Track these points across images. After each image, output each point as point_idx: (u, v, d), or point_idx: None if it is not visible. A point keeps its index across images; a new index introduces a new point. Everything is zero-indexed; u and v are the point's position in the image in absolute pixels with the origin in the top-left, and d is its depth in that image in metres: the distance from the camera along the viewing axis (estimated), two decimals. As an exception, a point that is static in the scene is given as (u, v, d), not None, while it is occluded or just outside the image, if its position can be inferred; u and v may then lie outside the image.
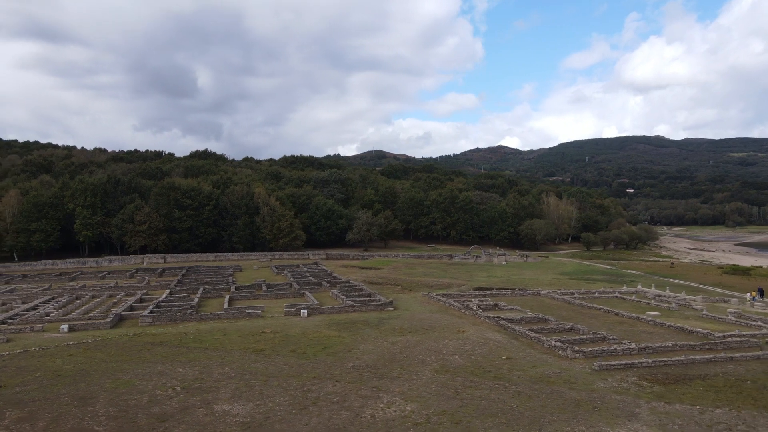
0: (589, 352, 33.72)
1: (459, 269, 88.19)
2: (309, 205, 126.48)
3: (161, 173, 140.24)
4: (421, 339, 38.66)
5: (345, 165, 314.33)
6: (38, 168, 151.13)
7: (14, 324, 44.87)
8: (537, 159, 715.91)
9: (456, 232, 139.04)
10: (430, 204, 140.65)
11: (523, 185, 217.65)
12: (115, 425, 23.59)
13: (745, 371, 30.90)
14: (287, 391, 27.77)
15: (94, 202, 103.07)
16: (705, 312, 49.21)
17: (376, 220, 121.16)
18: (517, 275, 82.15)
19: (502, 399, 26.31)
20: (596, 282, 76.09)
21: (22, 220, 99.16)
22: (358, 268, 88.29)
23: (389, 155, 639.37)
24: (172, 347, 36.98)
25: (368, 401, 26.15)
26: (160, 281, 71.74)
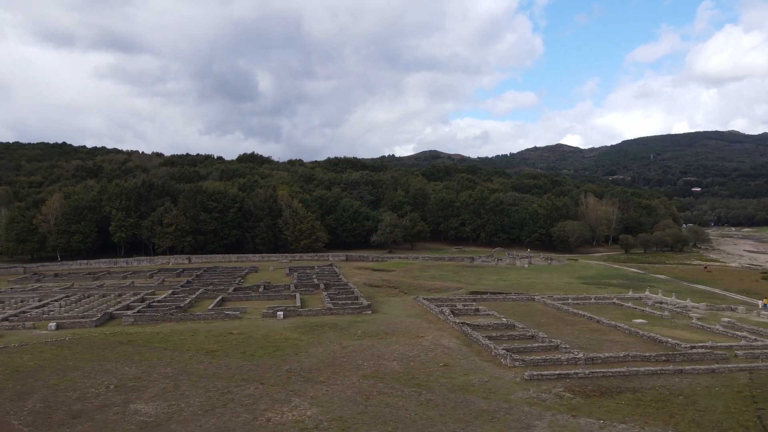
0: (530, 361, 32.97)
1: (472, 272, 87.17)
2: (336, 207, 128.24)
3: (198, 176, 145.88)
4: (374, 343, 38.89)
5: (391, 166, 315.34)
6: (87, 173, 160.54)
7: (13, 321, 48.16)
8: (597, 157, 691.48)
9: (486, 233, 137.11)
10: (460, 205, 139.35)
11: (566, 185, 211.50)
12: (31, 420, 25.29)
13: (687, 385, 29.40)
14: (208, 392, 28.77)
15: (128, 205, 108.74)
16: (695, 321, 46.79)
17: (401, 222, 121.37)
18: (528, 279, 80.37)
19: (407, 407, 26.29)
20: (611, 287, 73.37)
21: (64, 222, 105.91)
22: (371, 270, 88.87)
23: (443, 155, 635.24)
24: (136, 347, 38.85)
25: (276, 405, 26.77)
26: (174, 282, 74.95)
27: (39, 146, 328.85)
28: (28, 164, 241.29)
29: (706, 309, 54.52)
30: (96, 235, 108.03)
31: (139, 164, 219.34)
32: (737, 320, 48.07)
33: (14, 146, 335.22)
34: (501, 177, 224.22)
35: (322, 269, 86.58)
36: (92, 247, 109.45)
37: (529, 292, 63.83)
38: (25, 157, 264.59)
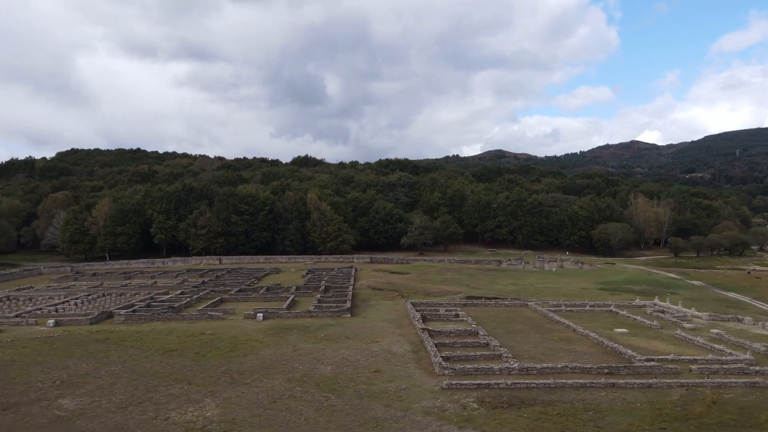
0: (460, 370, 32.65)
1: (489, 276, 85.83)
2: (369, 209, 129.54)
3: (240, 180, 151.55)
4: (326, 347, 39.62)
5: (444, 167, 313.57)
6: (142, 177, 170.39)
7: (24, 317, 52.48)
8: (676, 154, 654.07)
9: (522, 236, 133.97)
10: (497, 207, 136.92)
11: (622, 185, 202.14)
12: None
13: (608, 400, 28.23)
14: (136, 390, 30.58)
15: (168, 208, 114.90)
16: (680, 332, 44.26)
17: (432, 224, 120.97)
18: (543, 284, 78.33)
19: (304, 412, 26.91)
20: (629, 293, 70.22)
21: (111, 225, 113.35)
22: (388, 273, 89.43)
23: (509, 155, 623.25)
24: (108, 344, 41.54)
25: (186, 405, 28.13)
26: (192, 282, 78.66)
27: (114, 152, 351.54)
28: (100, 170, 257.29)
29: (707, 319, 51.38)
30: (139, 236, 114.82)
31: (197, 169, 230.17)
32: (733, 332, 45.10)
33: (94, 153, 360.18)
34: (553, 177, 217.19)
35: (339, 271, 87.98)
36: (136, 248, 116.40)
37: (529, 298, 62.29)
38: (99, 163, 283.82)
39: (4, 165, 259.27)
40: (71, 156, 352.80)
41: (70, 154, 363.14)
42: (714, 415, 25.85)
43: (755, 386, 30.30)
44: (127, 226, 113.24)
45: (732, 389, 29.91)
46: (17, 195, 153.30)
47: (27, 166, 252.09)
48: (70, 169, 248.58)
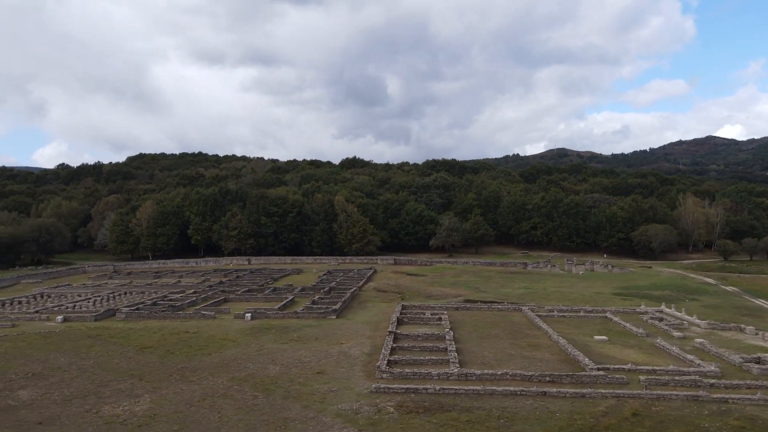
0: (398, 374, 33.03)
1: (504, 279, 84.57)
2: (400, 211, 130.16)
3: (279, 182, 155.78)
4: (291, 347, 40.87)
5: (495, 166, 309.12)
6: (188, 180, 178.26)
7: (38, 312, 56.82)
8: (757, 150, 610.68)
9: (558, 238, 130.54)
10: (532, 208, 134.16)
11: (679, 184, 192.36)
12: (-62, 396, 31.03)
13: (531, 408, 27.85)
14: (91, 384, 32.90)
15: (205, 210, 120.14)
16: (660, 341, 42.45)
17: (460, 226, 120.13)
18: (555, 288, 76.49)
19: (223, 409, 28.20)
20: (647, 299, 67.38)
21: (152, 226, 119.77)
22: (404, 274, 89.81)
23: (572, 153, 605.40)
24: (95, 340, 44.53)
25: (124, 399, 30.09)
26: (214, 281, 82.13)
27: (177, 156, 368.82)
28: (160, 173, 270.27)
29: (705, 327, 48.96)
30: (178, 237, 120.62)
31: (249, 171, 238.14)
32: (721, 342, 42.93)
33: (159, 157, 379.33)
34: (605, 177, 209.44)
35: (357, 272, 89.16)
36: (176, 248, 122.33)
37: (528, 302, 61.15)
38: (159, 167, 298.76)
39: (76, 169, 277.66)
40: (138, 160, 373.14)
41: (138, 158, 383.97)
42: (625, 428, 25.05)
43: (696, 399, 28.93)
44: (167, 228, 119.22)
45: (669, 402, 28.71)
46: (78, 198, 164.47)
47: (95, 170, 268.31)
48: (132, 173, 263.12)
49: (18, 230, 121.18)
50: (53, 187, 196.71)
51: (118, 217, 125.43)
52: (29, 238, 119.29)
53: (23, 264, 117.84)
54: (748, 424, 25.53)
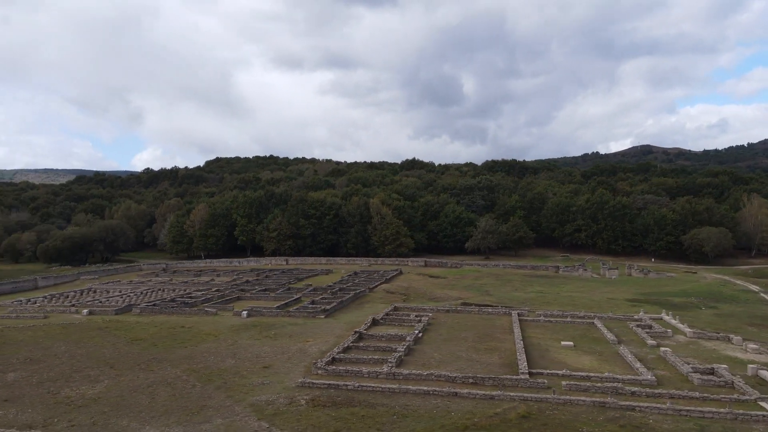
0: (332, 370, 35.29)
1: (523, 283, 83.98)
2: (440, 213, 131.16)
3: (327, 185, 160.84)
4: (260, 343, 44.12)
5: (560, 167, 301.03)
6: (245, 183, 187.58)
7: (74, 306, 63.68)
8: None
9: (603, 241, 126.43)
10: (576, 210, 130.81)
11: (755, 183, 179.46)
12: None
13: (432, 407, 29.32)
14: (69, 369, 37.61)
15: (251, 212, 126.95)
16: (623, 348, 41.81)
17: (497, 228, 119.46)
18: (571, 292, 75.35)
19: (160, 396, 31.74)
20: (662, 306, 65.39)
21: (204, 227, 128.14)
22: (427, 276, 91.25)
23: (657, 150, 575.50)
24: (101, 331, 49.91)
25: (85, 384, 34.39)
26: (243, 280, 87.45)
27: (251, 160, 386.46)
28: (229, 176, 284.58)
29: (691, 336, 47.48)
30: (226, 238, 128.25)
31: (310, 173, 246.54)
32: (689, 351, 41.95)
33: (233, 160, 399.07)
34: (674, 176, 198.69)
35: (380, 274, 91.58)
36: (225, 248, 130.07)
37: (522, 307, 61.09)
38: (229, 170, 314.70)
39: (155, 173, 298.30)
40: (214, 164, 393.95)
41: (214, 162, 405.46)
42: (500, 427, 26.06)
43: (602, 406, 29.15)
44: (216, 229, 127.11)
45: (573, 406, 29.15)
46: (147, 201, 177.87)
47: (172, 174, 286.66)
48: (204, 176, 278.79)
49: (89, 231, 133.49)
50: (127, 191, 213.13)
51: (175, 219, 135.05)
52: (98, 238, 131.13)
53: (92, 261, 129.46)
54: (617, 428, 25.76)
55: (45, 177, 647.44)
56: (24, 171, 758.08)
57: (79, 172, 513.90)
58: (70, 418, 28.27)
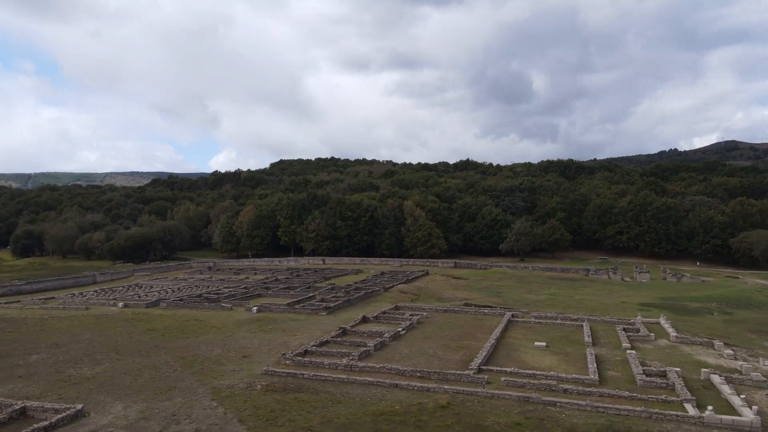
0: (299, 361, 38.95)
1: (543, 285, 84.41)
2: (477, 215, 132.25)
3: (371, 187, 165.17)
4: (252, 336, 48.52)
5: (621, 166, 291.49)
6: (294, 186, 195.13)
7: (116, 299, 70.93)
8: None
9: (645, 243, 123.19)
10: (618, 212, 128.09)
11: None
12: None
13: (370, 395, 32.33)
14: (81, 353, 43.39)
15: (293, 214, 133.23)
16: (590, 350, 42.88)
17: (531, 230, 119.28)
18: (581, 296, 75.51)
19: (143, 377, 36.55)
20: (674, 311, 65.02)
21: (250, 228, 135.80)
22: (450, 277, 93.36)
23: (743, 146, 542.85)
24: (126, 322, 56.12)
25: (89, 365, 39.86)
26: (274, 278, 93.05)
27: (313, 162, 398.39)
28: (287, 178, 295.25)
29: (674, 340, 47.58)
30: (270, 238, 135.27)
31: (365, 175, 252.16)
32: (655, 354, 42.73)
33: (296, 162, 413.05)
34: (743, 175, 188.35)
35: (405, 274, 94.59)
36: (269, 248, 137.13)
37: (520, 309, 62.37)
38: (288, 172, 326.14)
39: (221, 176, 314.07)
40: (277, 166, 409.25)
41: (278, 164, 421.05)
42: (414, 413, 28.79)
43: (526, 400, 31.08)
44: (261, 230, 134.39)
45: (498, 400, 31.26)
46: (206, 202, 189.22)
47: (235, 176, 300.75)
48: (264, 178, 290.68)
49: (149, 231, 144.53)
50: (191, 193, 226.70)
51: (225, 220, 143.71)
52: (156, 238, 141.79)
53: (152, 259, 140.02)
54: (524, 421, 27.77)
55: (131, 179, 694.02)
56: (113, 174, 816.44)
57: (161, 174, 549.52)
58: (61, 393, 33.48)
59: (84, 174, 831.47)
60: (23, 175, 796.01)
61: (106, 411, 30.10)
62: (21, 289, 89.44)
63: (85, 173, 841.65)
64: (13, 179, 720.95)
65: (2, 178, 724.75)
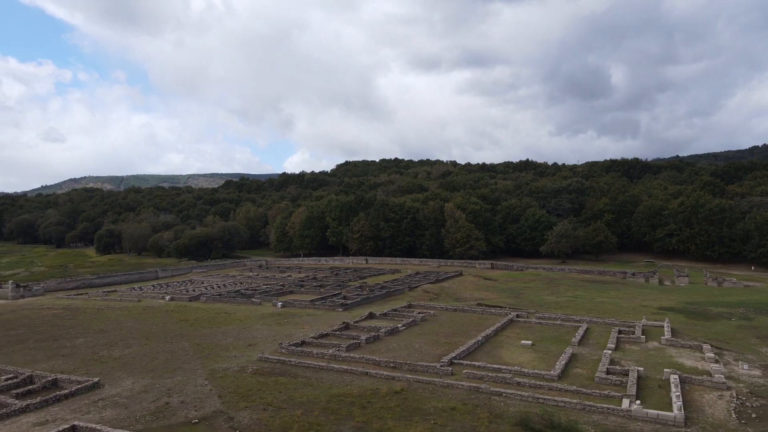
0: (293, 350, 43.78)
1: (570, 287, 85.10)
2: (521, 217, 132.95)
3: (420, 189, 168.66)
4: (267, 328, 53.99)
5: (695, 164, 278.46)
6: (348, 187, 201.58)
7: (167, 293, 79.06)
8: None
9: (696, 246, 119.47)
10: (668, 214, 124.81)
11: None
12: (46, 333, 51.57)
13: (337, 380, 36.58)
14: (119, 339, 50.43)
15: (341, 215, 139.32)
16: (569, 349, 44.96)
17: (573, 232, 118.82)
18: (609, 299, 75.86)
19: (159, 359, 42.67)
20: (691, 315, 65.02)
21: (301, 229, 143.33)
22: (482, 278, 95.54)
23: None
24: (166, 313, 63.42)
25: (120, 348, 46.65)
26: (315, 276, 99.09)
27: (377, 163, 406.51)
28: (348, 179, 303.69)
29: (664, 343, 48.61)
30: (320, 239, 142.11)
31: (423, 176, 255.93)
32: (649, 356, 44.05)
33: (360, 164, 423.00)
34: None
35: (437, 274, 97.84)
36: (319, 248, 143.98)
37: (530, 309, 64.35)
38: (352, 173, 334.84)
39: (287, 177, 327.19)
40: (342, 167, 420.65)
41: (343, 165, 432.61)
42: (368, 396, 32.75)
43: (476, 390, 34.24)
44: (311, 230, 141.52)
45: (451, 389, 34.58)
46: (266, 204, 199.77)
47: (299, 178, 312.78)
48: (327, 180, 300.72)
49: (211, 231, 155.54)
50: (255, 194, 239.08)
51: (280, 221, 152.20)
52: (217, 237, 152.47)
53: (214, 257, 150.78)
54: (460, 407, 31.05)
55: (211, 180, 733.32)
56: (195, 176, 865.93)
57: (239, 175, 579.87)
58: (88, 369, 40.08)
59: (169, 176, 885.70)
60: (117, 177, 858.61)
61: (118, 384, 36.17)
62: (93, 282, 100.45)
63: (170, 175, 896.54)
64: (108, 181, 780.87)
65: (99, 180, 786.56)
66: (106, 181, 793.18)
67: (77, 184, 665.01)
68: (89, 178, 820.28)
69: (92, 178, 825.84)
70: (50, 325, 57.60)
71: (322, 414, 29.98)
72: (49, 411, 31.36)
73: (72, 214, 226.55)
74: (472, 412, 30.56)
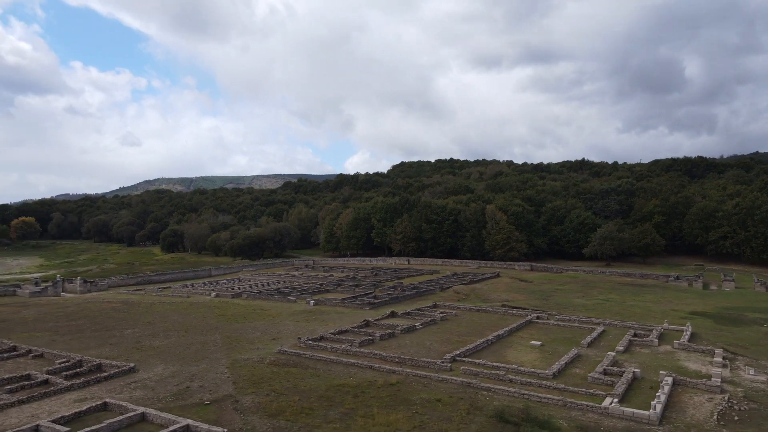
0: (310, 344, 47.42)
1: (604, 290, 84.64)
2: (565, 218, 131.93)
3: (466, 190, 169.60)
4: (294, 324, 57.97)
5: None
6: (397, 189, 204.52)
7: (213, 290, 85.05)
8: None
9: (751, 249, 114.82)
10: (722, 216, 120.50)
11: None
12: (101, 324, 57.79)
13: (342, 372, 39.88)
14: (161, 330, 55.84)
15: (385, 217, 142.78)
16: (576, 350, 46.22)
17: (617, 234, 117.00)
18: (641, 302, 75.26)
19: (191, 348, 47.38)
20: (730, 322, 64.34)
21: (348, 230, 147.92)
22: (517, 280, 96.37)
23: None
24: (208, 308, 68.84)
25: (160, 339, 51.85)
26: (355, 275, 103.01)
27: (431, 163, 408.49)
28: (401, 180, 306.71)
29: (676, 347, 48.88)
30: (365, 239, 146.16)
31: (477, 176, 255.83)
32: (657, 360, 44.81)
33: (414, 164, 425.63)
34: None
35: (474, 275, 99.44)
36: (365, 248, 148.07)
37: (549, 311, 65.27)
38: (403, 175, 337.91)
39: (342, 178, 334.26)
40: (397, 168, 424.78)
41: (398, 166, 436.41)
42: (364, 387, 35.77)
43: (468, 385, 36.58)
44: (357, 231, 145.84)
45: (445, 384, 37.02)
46: (317, 205, 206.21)
47: (353, 179, 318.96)
48: (380, 181, 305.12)
49: (263, 231, 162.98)
50: (308, 196, 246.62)
51: (328, 222, 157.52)
52: (269, 237, 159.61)
53: (266, 256, 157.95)
54: (445, 399, 33.51)
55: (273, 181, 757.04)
56: (259, 177, 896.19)
57: (301, 176, 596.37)
58: (129, 356, 45.24)
59: (235, 177, 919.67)
60: (187, 179, 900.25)
61: (150, 370, 40.93)
62: (151, 279, 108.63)
63: (235, 176, 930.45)
64: (178, 183, 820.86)
65: (170, 182, 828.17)
66: (177, 183, 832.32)
67: (151, 186, 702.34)
68: (162, 180, 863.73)
69: (164, 180, 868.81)
70: (106, 317, 64.12)
71: (317, 401, 33.29)
72: (89, 390, 36.30)
73: (142, 215, 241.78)
74: (455, 404, 32.98)
